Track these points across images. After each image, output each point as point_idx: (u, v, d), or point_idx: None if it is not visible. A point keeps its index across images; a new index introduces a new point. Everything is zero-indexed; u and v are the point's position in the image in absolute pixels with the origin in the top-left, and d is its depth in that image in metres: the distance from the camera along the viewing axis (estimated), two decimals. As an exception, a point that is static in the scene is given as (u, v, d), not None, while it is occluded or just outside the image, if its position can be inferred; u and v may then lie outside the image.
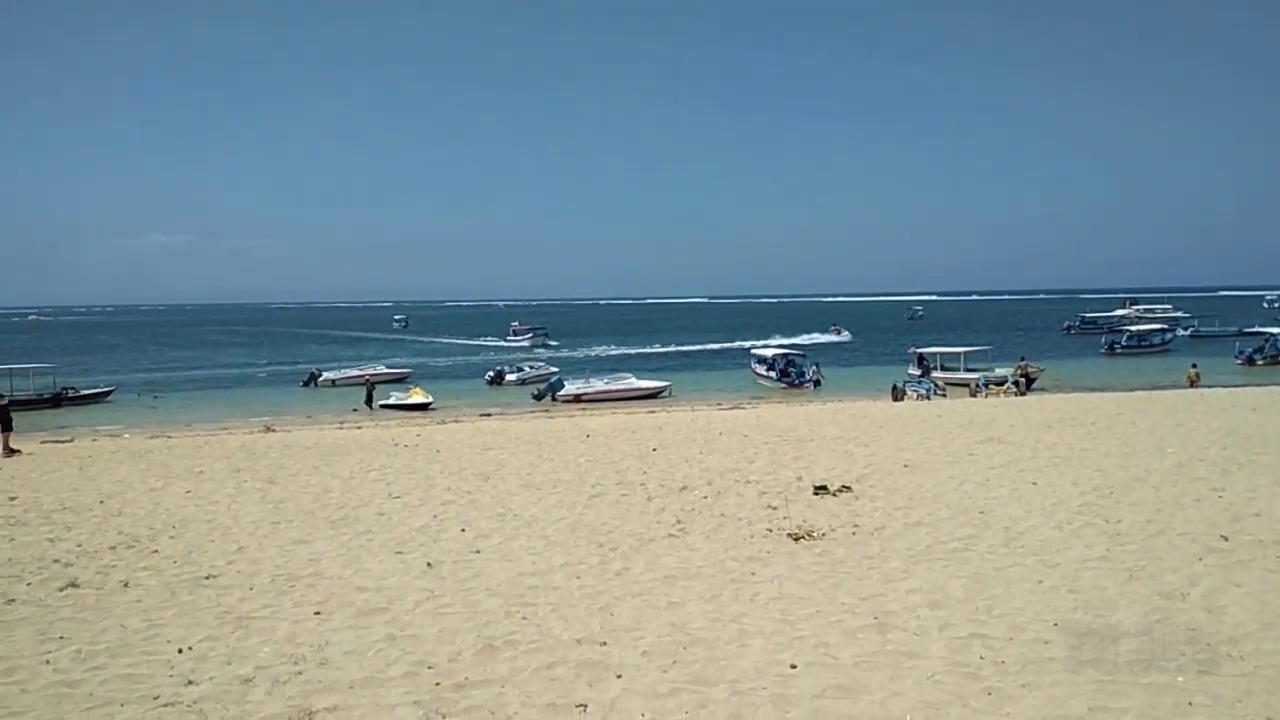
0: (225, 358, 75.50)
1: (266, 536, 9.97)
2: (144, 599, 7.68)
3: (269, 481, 13.59)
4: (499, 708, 5.45)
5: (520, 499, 11.92)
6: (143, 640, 6.65)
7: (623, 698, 5.61)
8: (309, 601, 7.58)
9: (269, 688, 5.76)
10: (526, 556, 9.02)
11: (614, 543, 9.51)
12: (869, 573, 8.34)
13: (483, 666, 6.12)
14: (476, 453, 16.63)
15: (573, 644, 6.53)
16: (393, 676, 5.95)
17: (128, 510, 11.44)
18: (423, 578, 8.29)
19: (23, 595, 7.79)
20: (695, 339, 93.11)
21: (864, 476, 12.97)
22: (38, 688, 5.79)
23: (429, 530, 10.21)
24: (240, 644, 6.57)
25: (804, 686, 5.80)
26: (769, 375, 43.02)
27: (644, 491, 12.22)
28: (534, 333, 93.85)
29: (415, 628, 6.92)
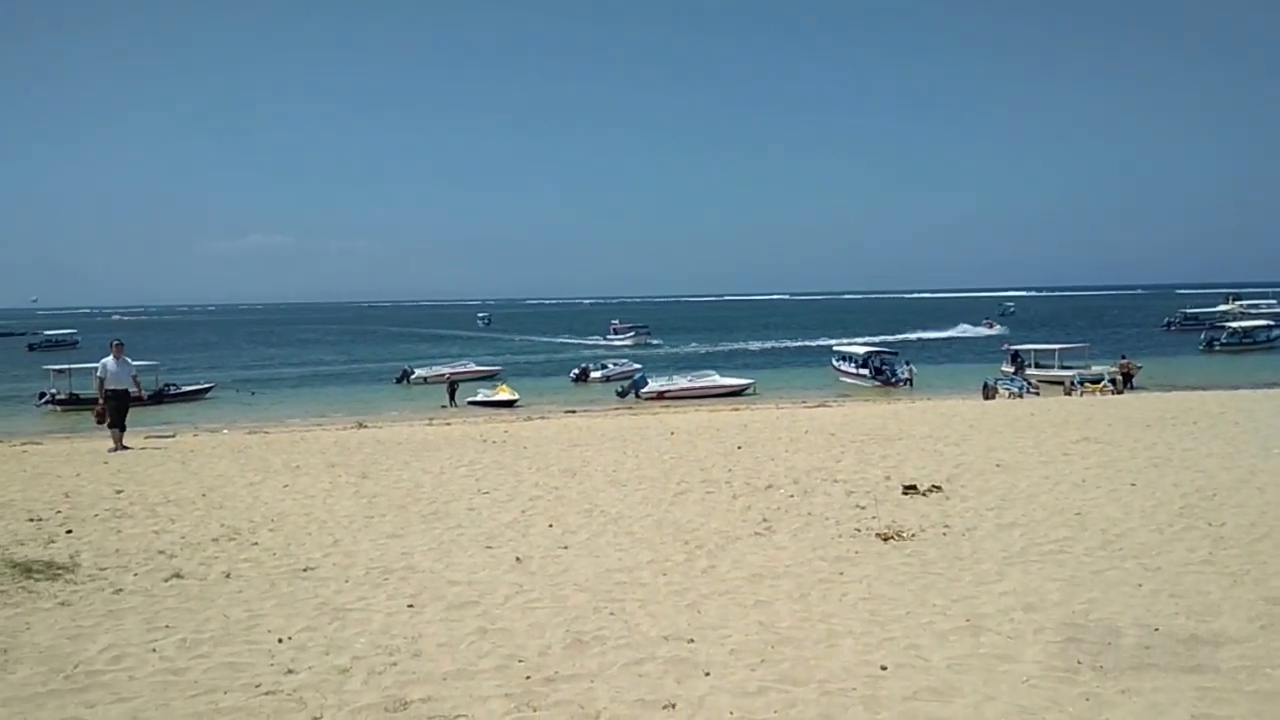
0: (318, 355, 77.49)
1: (361, 530, 10.21)
2: (245, 590, 7.93)
3: (362, 476, 13.91)
4: (588, 702, 5.50)
5: (606, 495, 12.00)
6: (244, 630, 6.86)
7: (711, 695, 5.61)
8: (402, 594, 7.74)
9: (365, 678, 5.90)
10: (613, 553, 9.08)
11: (700, 540, 9.52)
12: (961, 574, 8.20)
13: (572, 661, 6.18)
14: (562, 449, 16.78)
15: (660, 641, 6.55)
16: (484, 669, 6.04)
17: (228, 504, 11.82)
18: (512, 572, 8.40)
19: (130, 585, 8.10)
20: (778, 336, 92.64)
21: (955, 476, 12.75)
22: (145, 674, 6.00)
23: (517, 525, 10.34)
24: (337, 635, 6.74)
25: (894, 688, 5.73)
26: (859, 373, 42.43)
27: (729, 489, 12.20)
28: (636, 331, 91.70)
29: (505, 621, 7.01)
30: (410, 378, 47.22)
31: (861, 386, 40.36)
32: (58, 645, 6.51)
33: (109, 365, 18.27)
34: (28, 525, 10.50)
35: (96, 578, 8.30)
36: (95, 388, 18.85)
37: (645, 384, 39.54)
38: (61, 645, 6.51)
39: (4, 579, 8.16)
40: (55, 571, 8.46)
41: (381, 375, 53.51)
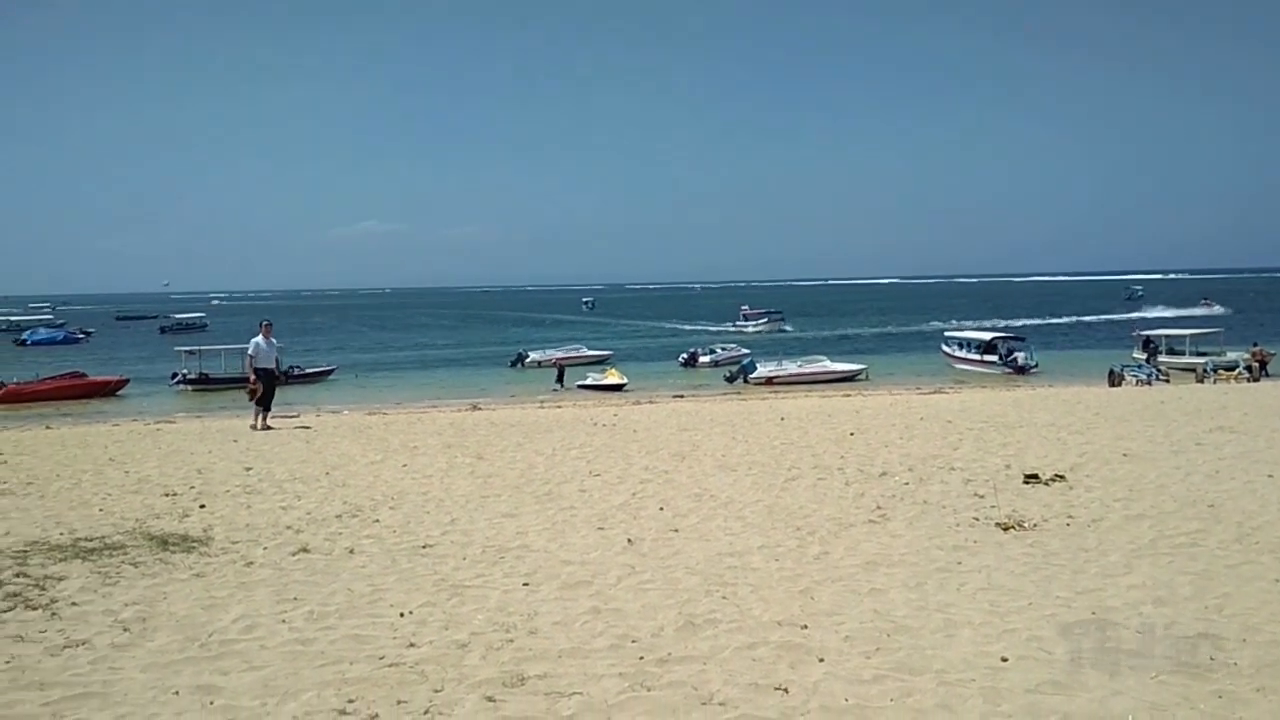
0: (430, 339, 79.31)
1: (477, 509, 10.42)
2: (368, 565, 8.17)
3: (478, 457, 14.19)
4: (701, 684, 5.50)
5: (716, 480, 11.98)
6: (368, 604, 7.08)
7: (825, 682, 5.55)
8: (517, 573, 7.87)
9: (483, 653, 6.02)
10: (724, 537, 9.06)
11: (812, 527, 9.42)
12: (1086, 566, 7.93)
13: (684, 643, 6.19)
14: (672, 433, 16.82)
15: (773, 625, 6.51)
16: (598, 648, 6.10)
17: (351, 482, 12.20)
18: (624, 554, 8.46)
19: (260, 559, 8.42)
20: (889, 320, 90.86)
21: (1079, 465, 12.33)
22: (275, 644, 6.24)
23: (628, 508, 10.40)
24: (455, 611, 6.89)
25: (1016, 680, 5.58)
26: (982, 359, 41.12)
27: (842, 476, 12.04)
28: (769, 317, 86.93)
29: (618, 602, 7.07)
30: (524, 361, 47.94)
31: (983, 373, 39.17)
32: (193, 615, 6.82)
33: (259, 344, 18.98)
34: (163, 500, 11.04)
35: (228, 551, 8.67)
36: (246, 366, 19.59)
37: (754, 369, 39.29)
38: (196, 615, 6.82)
39: (142, 551, 8.60)
40: (190, 544, 8.87)
41: (492, 359, 54.49)
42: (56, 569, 7.95)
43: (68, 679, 5.60)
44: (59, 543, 8.88)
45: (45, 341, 78.32)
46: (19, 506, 10.74)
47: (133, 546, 8.74)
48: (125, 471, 13.18)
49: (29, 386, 37.63)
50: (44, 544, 8.84)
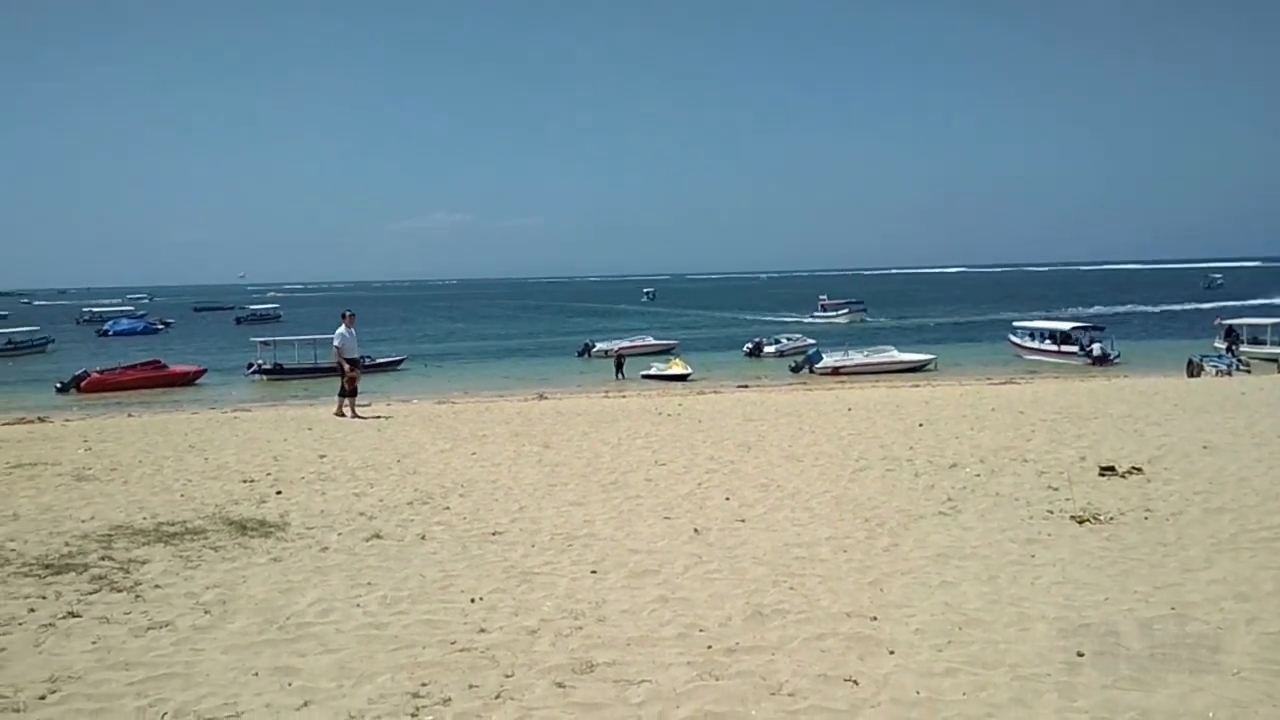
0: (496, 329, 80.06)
1: (544, 497, 10.51)
2: (439, 551, 8.30)
3: (544, 446, 14.31)
4: (770, 674, 5.49)
5: (782, 470, 11.92)
6: (439, 589, 7.19)
7: (895, 674, 5.51)
8: (585, 561, 7.93)
9: (553, 639, 6.08)
10: (791, 527, 9.02)
11: (881, 518, 9.33)
12: (1165, 560, 7.75)
13: (752, 633, 6.18)
14: (737, 423, 16.77)
15: (842, 617, 6.47)
16: (666, 636, 6.12)
17: (421, 469, 12.39)
18: (690, 543, 8.47)
19: (335, 544, 8.60)
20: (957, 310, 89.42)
21: (1156, 458, 12.02)
22: (350, 628, 6.37)
23: (694, 497, 10.41)
24: (525, 597, 6.97)
25: (1092, 676, 5.47)
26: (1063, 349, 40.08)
27: (911, 467, 11.90)
28: (851, 307, 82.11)
29: (685, 591, 7.08)
30: (591, 351, 48.12)
31: (1060, 364, 38.28)
32: (271, 598, 6.99)
33: (344, 335, 19.35)
34: (241, 486, 11.32)
35: (304, 536, 8.87)
36: (334, 357, 19.95)
37: (820, 359, 38.96)
38: (274, 598, 6.99)
39: (222, 536, 8.83)
40: (267, 529, 9.09)
41: (556, 349, 54.84)
42: (140, 552, 8.21)
43: (152, 659, 5.78)
44: (142, 527, 9.17)
45: (126, 332, 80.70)
46: (104, 492, 11.09)
47: (213, 531, 8.99)
48: (205, 458, 13.54)
49: (112, 376, 38.81)
50: (128, 528, 9.13)
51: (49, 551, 8.25)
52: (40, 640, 6.07)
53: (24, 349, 61.05)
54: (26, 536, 8.84)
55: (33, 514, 9.88)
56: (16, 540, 8.68)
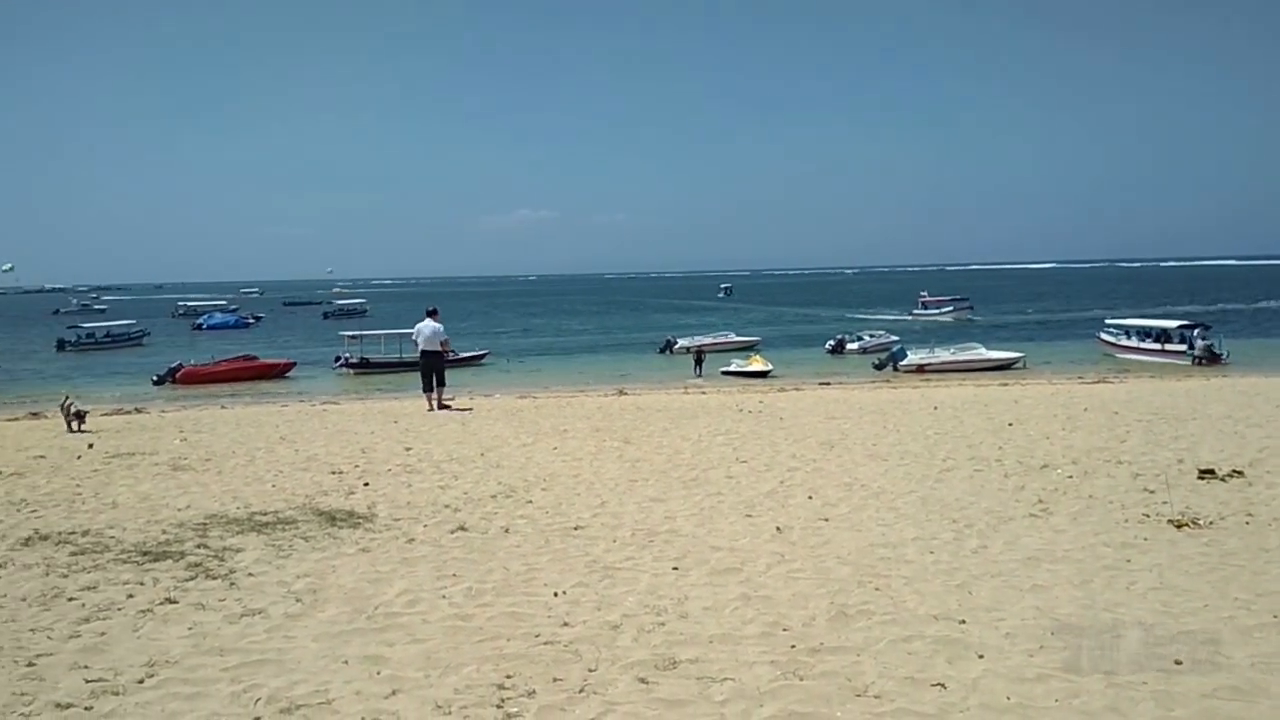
0: (576, 325, 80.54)
1: (626, 493, 10.53)
2: (522, 545, 8.37)
3: (625, 441, 14.34)
4: (855, 676, 5.42)
5: (867, 469, 11.75)
6: (523, 582, 7.25)
7: (985, 679, 5.39)
8: (667, 557, 7.92)
9: (635, 635, 6.08)
10: (876, 527, 8.88)
11: (969, 519, 9.14)
12: (1267, 567, 7.44)
13: (837, 633, 6.10)
14: (819, 421, 16.60)
15: (929, 619, 6.35)
16: (749, 635, 6.08)
17: (504, 463, 12.51)
18: (773, 541, 8.40)
19: (421, 536, 8.73)
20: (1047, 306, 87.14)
21: (1259, 460, 11.56)
22: (437, 618, 6.47)
23: (776, 495, 10.32)
24: (607, 592, 6.99)
25: (1191, 684, 5.29)
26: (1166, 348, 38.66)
27: (1000, 468, 11.63)
28: (956, 305, 76.36)
29: (768, 589, 7.02)
30: (673, 348, 48.01)
31: (1161, 363, 36.91)
32: (360, 588, 7.13)
33: (423, 328, 19.78)
34: (330, 478, 11.57)
35: (391, 527, 9.02)
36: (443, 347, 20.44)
37: (904, 356, 38.24)
38: (363, 588, 7.13)
39: (312, 526, 9.04)
40: (356, 520, 9.27)
41: (635, 345, 54.91)
42: (234, 541, 8.44)
43: (245, 646, 5.94)
44: (236, 516, 9.44)
45: (219, 326, 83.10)
46: (199, 482, 11.45)
47: (303, 521, 9.21)
48: (295, 450, 13.88)
49: (205, 368, 39.94)
50: (222, 517, 9.40)
51: (147, 539, 8.55)
52: (139, 625, 6.29)
53: (121, 341, 63.29)
54: (125, 524, 9.16)
55: (131, 502, 10.24)
56: (116, 528, 9.01)
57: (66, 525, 9.13)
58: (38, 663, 5.63)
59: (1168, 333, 39.85)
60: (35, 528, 9.04)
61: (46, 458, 13.44)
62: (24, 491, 10.88)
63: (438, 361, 19.94)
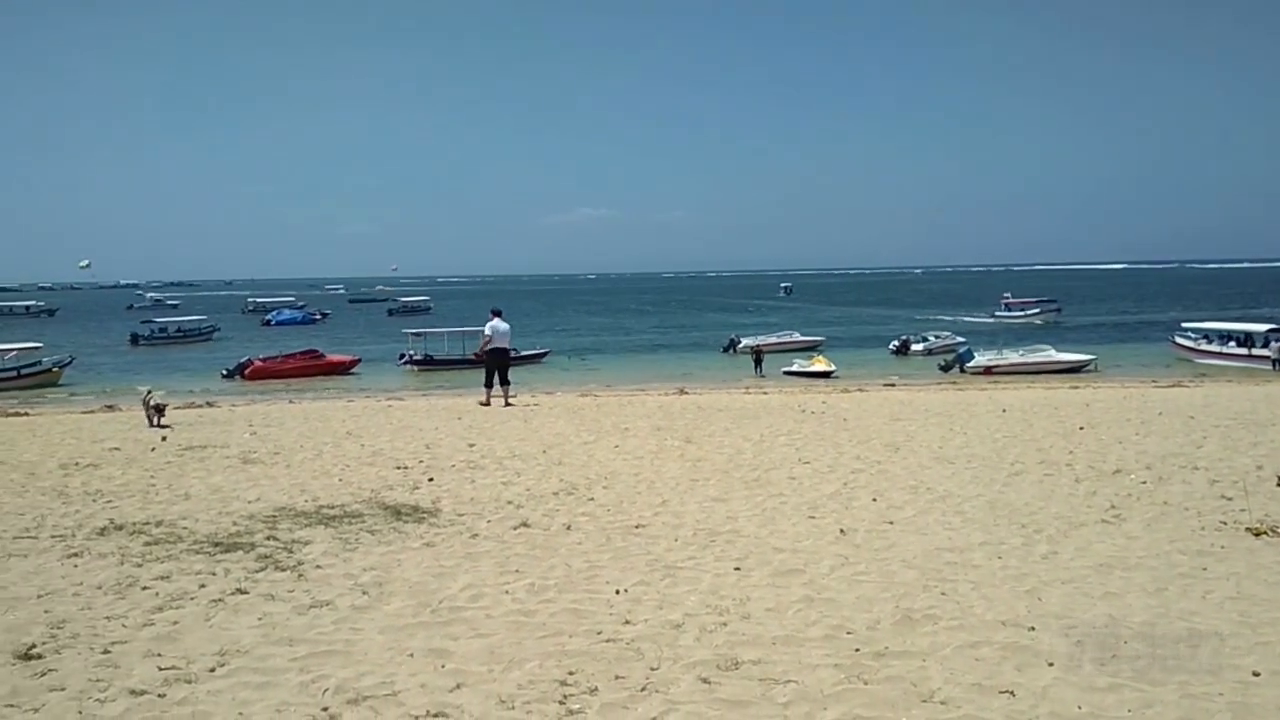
0: (637, 324, 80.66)
1: (687, 492, 10.50)
2: (584, 542, 8.39)
3: (686, 441, 14.31)
4: (921, 681, 5.33)
5: (932, 472, 11.58)
6: (584, 579, 7.27)
7: (1055, 687, 5.27)
8: (729, 557, 7.87)
9: (697, 635, 6.06)
10: (942, 531, 8.75)
11: (1038, 525, 8.96)
12: (1353, 578, 7.19)
13: (902, 638, 6.02)
14: (884, 423, 16.41)
15: (997, 625, 6.23)
16: (812, 637, 6.02)
17: (566, 460, 12.57)
18: (836, 544, 8.31)
19: (484, 531, 8.80)
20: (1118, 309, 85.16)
21: (1343, 468, 11.18)
22: (500, 613, 6.50)
23: (840, 497, 10.22)
24: (669, 591, 6.97)
25: (1269, 696, 5.13)
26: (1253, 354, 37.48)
27: (1070, 473, 11.39)
28: (1043, 307, 73.78)
29: (832, 592, 6.95)
30: (736, 347, 47.87)
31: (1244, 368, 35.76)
32: (424, 582, 7.20)
33: (499, 326, 20.16)
34: (396, 473, 11.72)
35: (455, 522, 9.11)
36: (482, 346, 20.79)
37: (971, 357, 37.73)
38: (428, 582, 7.20)
39: (378, 519, 9.16)
40: (420, 515, 9.37)
41: (695, 344, 54.90)
42: (302, 534, 8.59)
43: (313, 637, 6.03)
44: (304, 509, 9.60)
45: (288, 322, 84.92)
46: (268, 474, 11.67)
47: (369, 515, 9.34)
48: (361, 445, 14.09)
49: (274, 364, 40.81)
50: (291, 510, 9.58)
51: (218, 530, 8.73)
52: (210, 615, 6.42)
53: (193, 336, 65.00)
54: (198, 515, 9.38)
55: (203, 494, 10.48)
56: (188, 519, 9.22)
57: (141, 516, 9.37)
58: (113, 650, 5.77)
59: (1252, 336, 38.65)
60: (111, 518, 9.29)
61: (121, 449, 13.81)
62: (100, 482, 11.19)
63: (506, 359, 20.25)
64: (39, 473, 11.89)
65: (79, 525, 8.99)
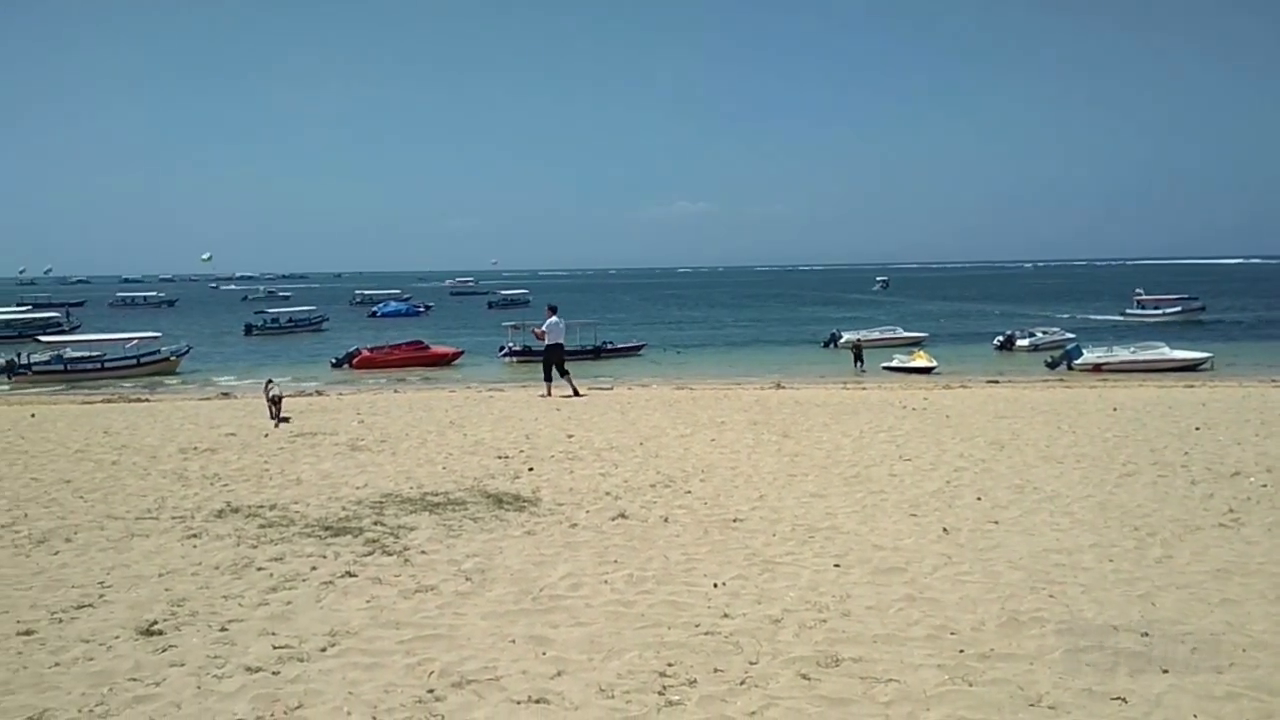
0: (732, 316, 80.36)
1: (784, 487, 10.44)
2: (681, 534, 8.42)
3: (783, 435, 14.22)
4: (1028, 684, 5.21)
5: (1039, 471, 11.28)
6: (682, 571, 7.29)
7: (1169, 694, 5.10)
8: (828, 553, 7.81)
9: (796, 630, 6.03)
10: (1049, 532, 8.52)
11: (1151, 527, 8.65)
12: None
13: (1008, 640, 5.89)
14: (988, 420, 16.04)
15: (1108, 630, 6.05)
16: (915, 637, 5.93)
17: (662, 453, 12.61)
18: (939, 543, 8.17)
19: (583, 522, 8.90)
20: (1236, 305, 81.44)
21: None
22: (599, 603, 6.58)
23: (942, 495, 10.03)
24: (767, 586, 6.95)
25: (1407, 714, 4.87)
26: None
27: (1186, 474, 10.96)
28: (1185, 304, 67.97)
29: (934, 591, 6.84)
30: (838, 342, 47.28)
31: None
32: (525, 570, 7.33)
33: (557, 323, 20.98)
34: (497, 462, 11.92)
35: (555, 512, 9.23)
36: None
37: (1080, 354, 36.53)
38: (528, 570, 7.32)
39: (480, 507, 9.34)
40: (521, 504, 9.53)
41: (791, 339, 54.41)
42: (408, 520, 8.82)
43: (419, 620, 6.19)
44: (409, 496, 9.85)
45: (393, 314, 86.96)
46: (375, 462, 12.00)
47: (472, 503, 9.53)
48: (463, 434, 14.37)
49: (380, 354, 41.81)
50: (397, 496, 9.83)
51: (328, 515, 9.02)
52: (321, 596, 6.64)
53: (303, 327, 67.10)
54: (309, 500, 9.70)
55: (314, 480, 10.83)
56: (300, 503, 9.55)
57: (255, 499, 9.73)
58: (230, 628, 6.02)
59: None
60: (227, 500, 9.68)
61: (237, 435, 14.36)
62: (217, 467, 11.66)
63: (562, 354, 21.13)
64: (160, 456, 12.45)
65: (197, 507, 9.39)
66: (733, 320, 76.89)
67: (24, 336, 48.59)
